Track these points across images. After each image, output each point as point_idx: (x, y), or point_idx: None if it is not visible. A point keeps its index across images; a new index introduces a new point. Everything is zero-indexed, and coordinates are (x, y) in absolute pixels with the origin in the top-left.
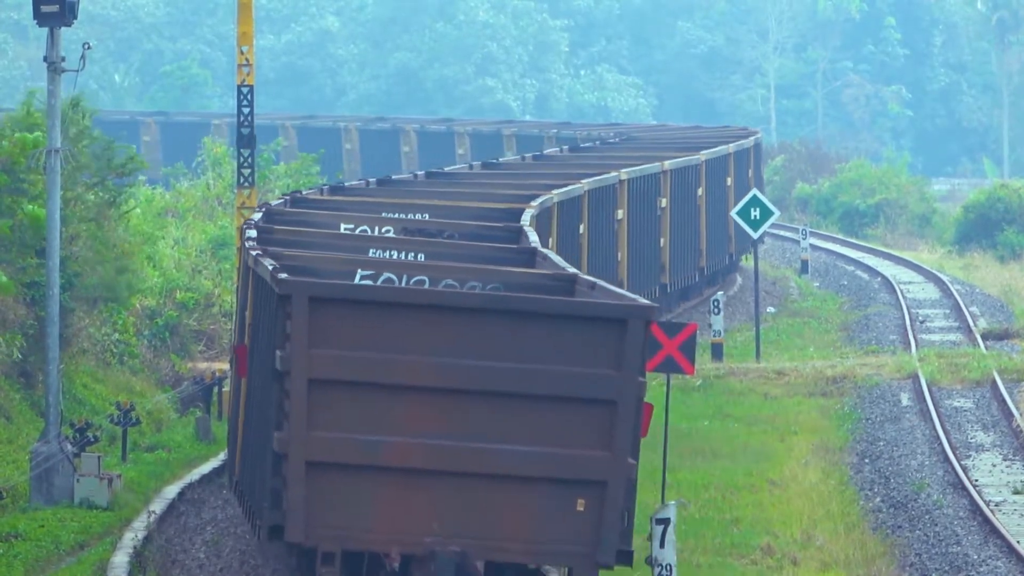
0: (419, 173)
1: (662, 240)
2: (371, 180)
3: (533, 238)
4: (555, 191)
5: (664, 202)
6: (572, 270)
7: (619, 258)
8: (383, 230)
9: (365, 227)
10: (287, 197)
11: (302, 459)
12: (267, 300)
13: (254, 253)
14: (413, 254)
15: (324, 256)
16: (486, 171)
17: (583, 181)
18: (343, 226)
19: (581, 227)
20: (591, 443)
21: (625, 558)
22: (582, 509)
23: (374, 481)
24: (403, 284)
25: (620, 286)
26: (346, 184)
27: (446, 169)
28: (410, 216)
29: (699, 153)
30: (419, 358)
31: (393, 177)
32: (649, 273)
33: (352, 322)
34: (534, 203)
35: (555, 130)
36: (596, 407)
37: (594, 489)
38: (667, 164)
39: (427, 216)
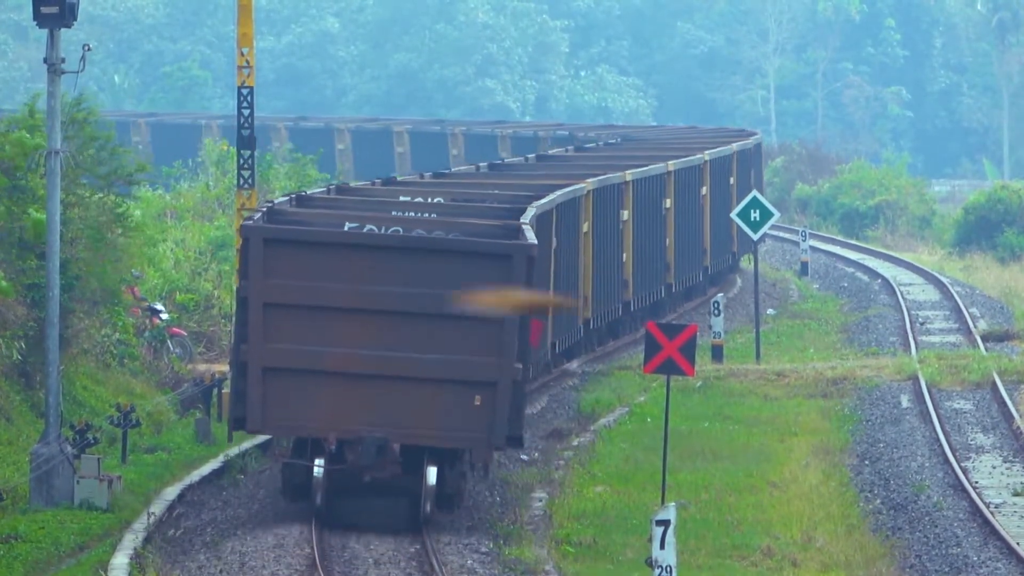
0: (462, 167)
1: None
2: (376, 180)
3: (530, 235)
4: (560, 190)
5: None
6: (525, 224)
7: (668, 244)
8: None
9: (372, 227)
10: (291, 196)
11: (259, 366)
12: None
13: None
14: (416, 214)
15: (328, 213)
16: (492, 172)
17: (626, 171)
18: (347, 225)
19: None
20: (484, 352)
21: (515, 442)
22: (478, 404)
23: (316, 383)
24: (380, 231)
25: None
26: (351, 184)
27: (454, 169)
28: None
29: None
30: (350, 286)
31: (398, 177)
32: (694, 263)
33: (297, 258)
34: (555, 194)
35: (550, 131)
36: (487, 323)
37: (487, 388)
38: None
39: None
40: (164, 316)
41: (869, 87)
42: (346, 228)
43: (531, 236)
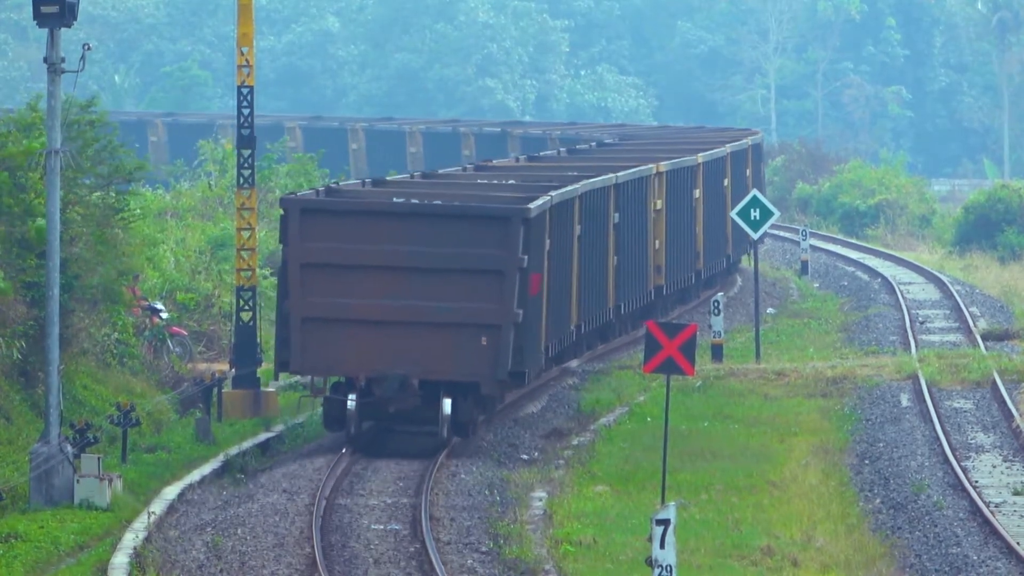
0: (469, 166)
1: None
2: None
3: (532, 204)
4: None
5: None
6: (533, 194)
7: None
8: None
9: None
10: (362, 180)
11: (299, 317)
12: None
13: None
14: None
15: (378, 191)
16: (529, 163)
17: (661, 163)
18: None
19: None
20: (488, 299)
21: (517, 376)
22: (485, 344)
23: (346, 330)
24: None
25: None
26: (388, 179)
27: (495, 162)
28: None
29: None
30: (374, 247)
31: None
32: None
33: (328, 225)
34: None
35: (559, 131)
36: (490, 276)
37: (492, 330)
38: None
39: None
40: (164, 315)
41: (869, 87)
42: (394, 200)
43: (533, 205)
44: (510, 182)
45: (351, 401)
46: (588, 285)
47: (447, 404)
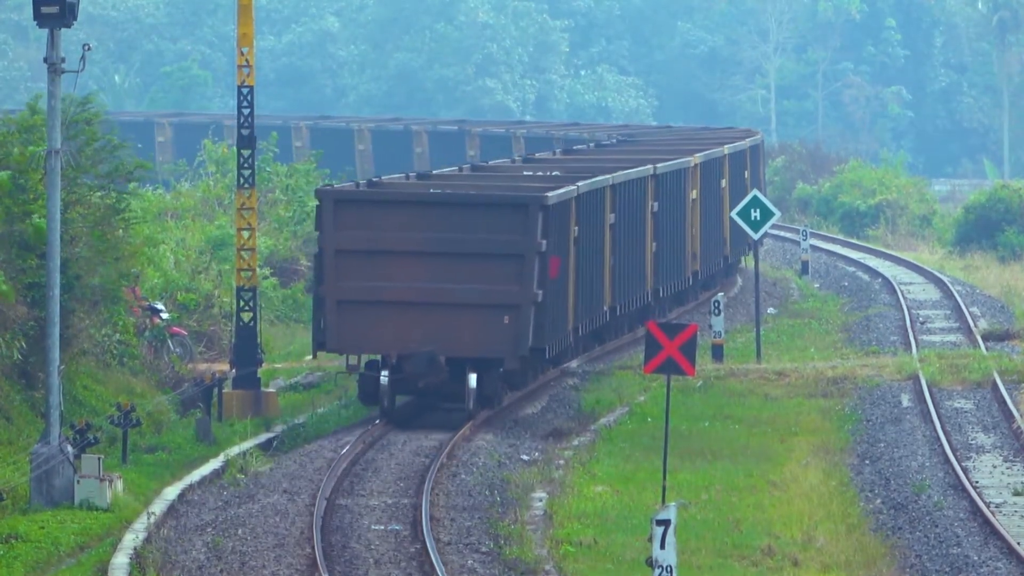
0: (517, 158)
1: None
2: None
3: (550, 193)
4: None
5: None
6: (553, 184)
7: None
8: None
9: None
10: (406, 174)
11: (334, 300)
12: None
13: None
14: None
15: (416, 182)
16: (566, 156)
17: (696, 154)
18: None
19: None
20: (509, 281)
21: (537, 352)
22: (507, 322)
23: (378, 311)
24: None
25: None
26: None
27: (538, 155)
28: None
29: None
30: (402, 234)
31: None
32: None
33: (360, 214)
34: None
35: (563, 131)
36: (511, 259)
37: (513, 310)
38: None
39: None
40: (164, 316)
41: (869, 87)
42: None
43: (551, 194)
44: (555, 173)
45: (384, 377)
46: (623, 269)
47: (473, 379)
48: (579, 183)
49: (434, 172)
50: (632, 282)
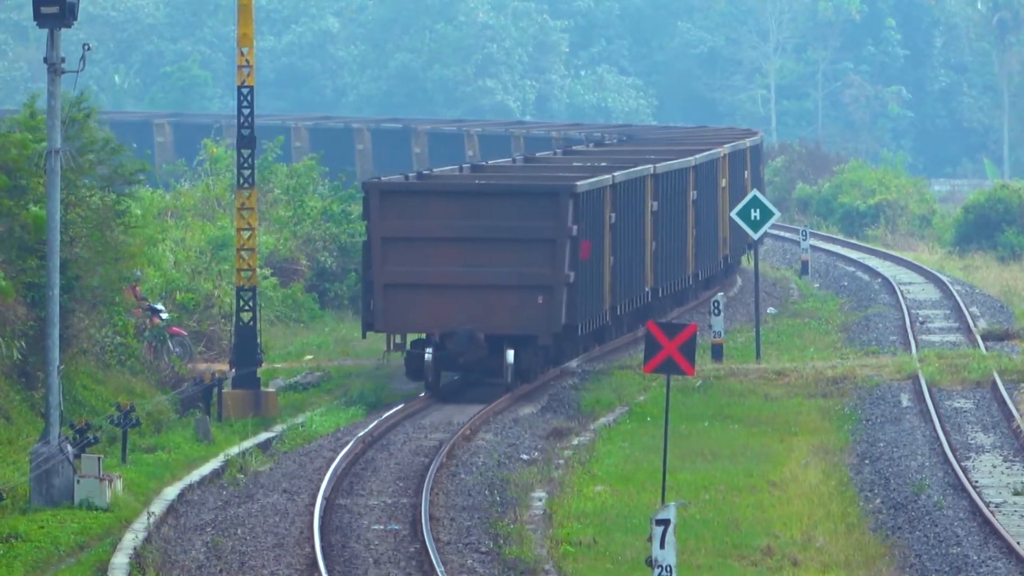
0: (558, 151)
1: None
2: (517, 157)
3: (580, 183)
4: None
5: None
6: (588, 174)
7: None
8: None
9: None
10: (458, 166)
11: (381, 283)
12: None
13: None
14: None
15: (462, 174)
16: (602, 149)
17: (725, 145)
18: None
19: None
20: (543, 264)
21: (570, 329)
22: (541, 302)
23: (422, 293)
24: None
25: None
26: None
27: (577, 148)
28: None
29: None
30: (443, 221)
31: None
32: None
33: (404, 204)
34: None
35: (562, 131)
36: (544, 244)
37: (547, 290)
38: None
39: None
40: (164, 316)
41: (869, 87)
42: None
43: (581, 183)
44: (602, 164)
45: (428, 354)
46: (664, 254)
47: (510, 355)
48: (615, 173)
49: (489, 163)
50: (673, 265)
